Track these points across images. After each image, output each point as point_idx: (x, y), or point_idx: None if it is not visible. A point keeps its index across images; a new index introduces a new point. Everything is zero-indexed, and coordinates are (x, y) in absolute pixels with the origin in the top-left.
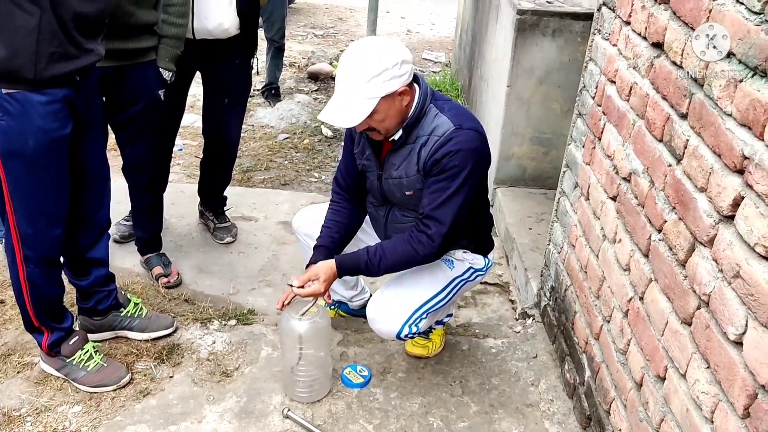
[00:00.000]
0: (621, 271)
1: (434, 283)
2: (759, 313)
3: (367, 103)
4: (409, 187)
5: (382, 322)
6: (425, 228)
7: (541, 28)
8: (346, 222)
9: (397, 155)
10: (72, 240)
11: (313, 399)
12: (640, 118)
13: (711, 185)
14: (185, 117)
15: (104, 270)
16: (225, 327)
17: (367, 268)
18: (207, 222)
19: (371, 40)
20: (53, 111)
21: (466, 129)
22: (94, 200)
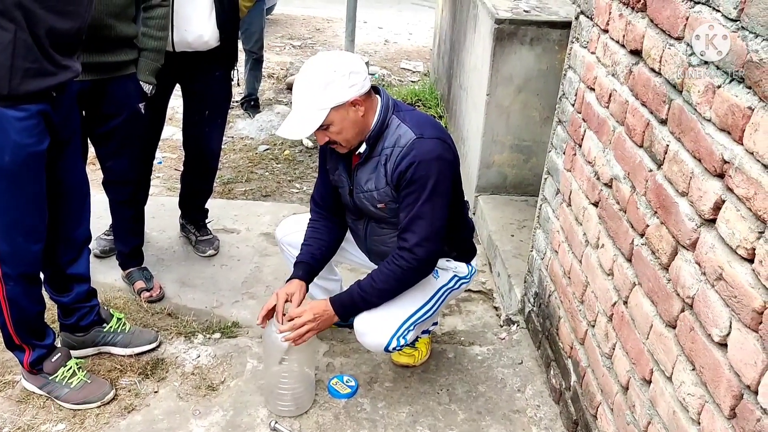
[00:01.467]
0: (604, 276)
1: (421, 294)
2: (742, 314)
3: (318, 114)
4: (380, 200)
5: (370, 335)
6: (404, 243)
7: (519, 37)
8: (325, 239)
9: (365, 169)
10: (52, 256)
11: (295, 413)
12: (620, 125)
13: (692, 189)
14: (165, 129)
15: (85, 286)
16: (209, 340)
17: (363, 299)
18: (188, 235)
19: (322, 54)
20: (29, 126)
21: (427, 138)
22: (74, 216)
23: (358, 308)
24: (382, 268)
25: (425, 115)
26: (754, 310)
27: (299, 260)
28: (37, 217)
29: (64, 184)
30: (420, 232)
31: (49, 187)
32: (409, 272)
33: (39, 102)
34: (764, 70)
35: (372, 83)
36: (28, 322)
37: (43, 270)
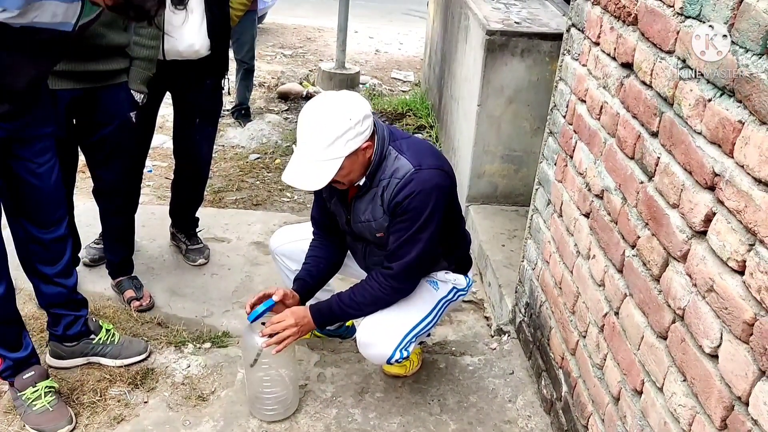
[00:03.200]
0: (596, 287)
1: (423, 306)
2: (733, 326)
3: (332, 164)
4: (378, 230)
5: (374, 347)
6: (387, 268)
7: (510, 48)
8: (325, 257)
9: (362, 200)
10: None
11: (283, 416)
12: (611, 137)
13: (683, 201)
14: (155, 138)
15: (59, 289)
16: (200, 350)
17: (342, 311)
18: (179, 244)
19: (331, 98)
20: None
21: (425, 168)
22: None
23: (335, 318)
24: (365, 285)
25: (422, 143)
26: (744, 321)
27: (298, 277)
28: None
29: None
30: (406, 260)
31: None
32: (390, 295)
33: None
34: (754, 84)
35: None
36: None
37: (25, 272)
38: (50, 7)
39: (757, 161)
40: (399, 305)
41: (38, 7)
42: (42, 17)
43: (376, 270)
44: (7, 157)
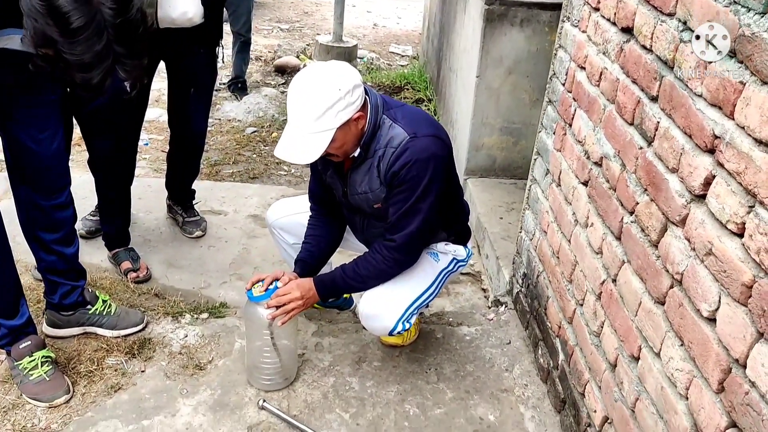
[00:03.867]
0: (593, 255)
1: (424, 278)
2: (731, 288)
3: (323, 136)
4: (375, 201)
5: (377, 319)
6: (389, 239)
7: (509, 18)
8: (324, 235)
9: (358, 172)
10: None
11: (282, 386)
12: (611, 103)
13: (682, 165)
14: (151, 111)
15: (53, 257)
16: (197, 320)
17: (345, 283)
18: (176, 216)
19: (319, 69)
20: None
21: (421, 136)
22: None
23: (339, 291)
24: (368, 257)
25: (417, 111)
26: (743, 284)
27: (298, 259)
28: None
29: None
30: (407, 231)
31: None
32: (393, 268)
33: None
34: (756, 44)
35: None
36: None
37: (25, 238)
38: (17, 39)
39: (758, 122)
40: (401, 278)
41: (7, 39)
42: (12, 45)
43: (378, 242)
44: (7, 120)
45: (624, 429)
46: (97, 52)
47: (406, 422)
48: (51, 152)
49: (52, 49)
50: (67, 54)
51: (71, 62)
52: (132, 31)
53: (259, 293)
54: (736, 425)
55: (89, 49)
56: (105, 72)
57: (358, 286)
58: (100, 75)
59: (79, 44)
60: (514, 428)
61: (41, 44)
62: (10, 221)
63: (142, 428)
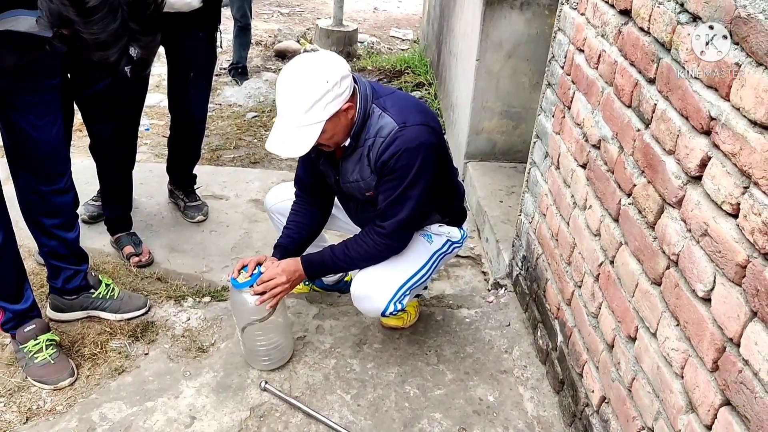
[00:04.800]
0: (591, 237)
1: (417, 259)
2: (726, 269)
3: (313, 129)
4: (367, 189)
5: (368, 300)
6: (379, 226)
7: (509, 1)
8: (307, 222)
9: (349, 161)
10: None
11: (277, 365)
12: (609, 85)
13: (679, 147)
14: (152, 96)
15: (55, 242)
16: (199, 304)
17: (334, 263)
18: (177, 201)
19: (306, 61)
20: None
21: (410, 125)
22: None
23: (326, 271)
24: (359, 240)
25: (407, 97)
26: (737, 264)
27: (278, 244)
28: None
29: (16, 139)
30: (397, 219)
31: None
32: (384, 252)
33: None
34: (752, 25)
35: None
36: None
37: (26, 223)
38: (24, 21)
39: (753, 103)
40: (393, 259)
41: (12, 20)
42: (18, 27)
43: (369, 227)
44: (6, 106)
45: (621, 408)
46: (113, 30)
47: (407, 403)
48: (50, 138)
49: (69, 29)
50: (85, 33)
51: (88, 41)
52: (145, 8)
53: (244, 279)
54: (729, 403)
55: (105, 28)
56: (121, 50)
57: (346, 267)
58: (116, 53)
59: (95, 23)
60: (513, 409)
61: (58, 24)
62: (12, 206)
63: (146, 410)
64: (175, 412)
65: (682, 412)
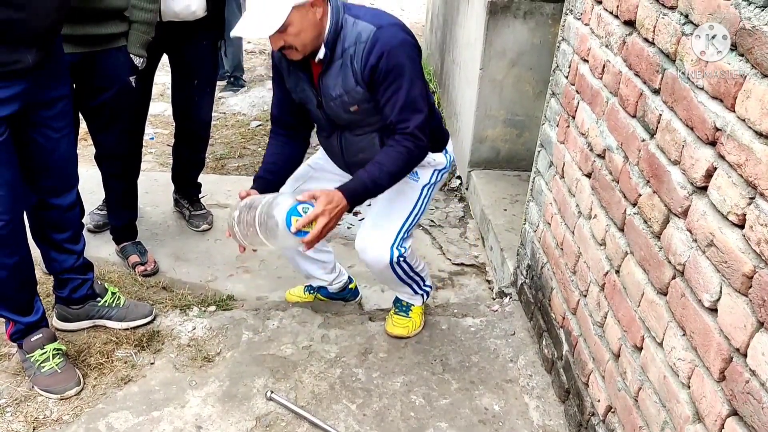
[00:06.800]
0: (597, 246)
1: (408, 200)
2: (732, 279)
3: (279, 12)
4: (351, 103)
5: (372, 250)
6: (404, 128)
7: (512, 10)
8: (285, 153)
9: (329, 75)
10: (38, 225)
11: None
12: (614, 95)
13: (684, 158)
14: (156, 105)
15: (74, 257)
16: (204, 313)
17: (374, 184)
18: (182, 210)
19: None
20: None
21: (386, 26)
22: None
23: (369, 194)
24: (389, 152)
25: (378, 9)
26: (744, 274)
27: (258, 176)
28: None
29: (38, 157)
30: (416, 116)
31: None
32: (415, 153)
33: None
34: (757, 37)
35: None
36: (7, 297)
37: (33, 240)
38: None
39: (759, 114)
40: (385, 207)
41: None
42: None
43: (390, 138)
44: (26, 125)
45: (627, 418)
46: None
47: (412, 412)
48: (67, 150)
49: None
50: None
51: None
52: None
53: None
54: (737, 413)
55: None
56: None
57: (387, 184)
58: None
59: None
60: (518, 418)
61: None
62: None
63: (152, 419)
64: (181, 421)
65: (689, 422)
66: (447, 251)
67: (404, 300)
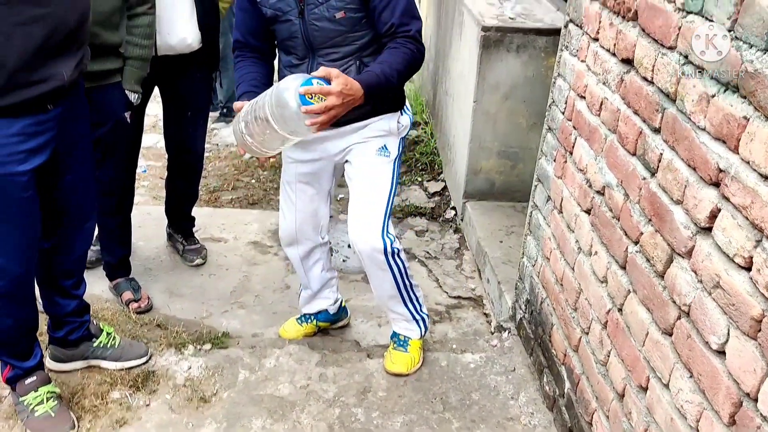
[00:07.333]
0: (598, 283)
1: (383, 179)
2: (740, 322)
3: None
4: (338, 7)
5: (364, 241)
6: (406, 32)
7: (505, 44)
8: (263, 71)
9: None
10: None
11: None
12: (612, 133)
13: (687, 198)
14: (149, 137)
15: (77, 301)
16: (200, 351)
17: (386, 79)
18: (176, 244)
19: None
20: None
21: None
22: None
23: (381, 89)
24: (394, 52)
25: None
26: (752, 318)
27: (244, 92)
28: (22, 238)
29: (59, 203)
30: (415, 22)
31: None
32: (418, 57)
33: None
34: (759, 80)
35: None
36: (7, 342)
37: (37, 283)
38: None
39: (764, 157)
40: (365, 187)
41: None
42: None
43: (395, 40)
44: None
45: None
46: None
47: None
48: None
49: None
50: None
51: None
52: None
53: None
54: None
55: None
56: None
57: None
58: None
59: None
60: None
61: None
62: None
63: None
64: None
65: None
66: (444, 284)
67: (402, 333)
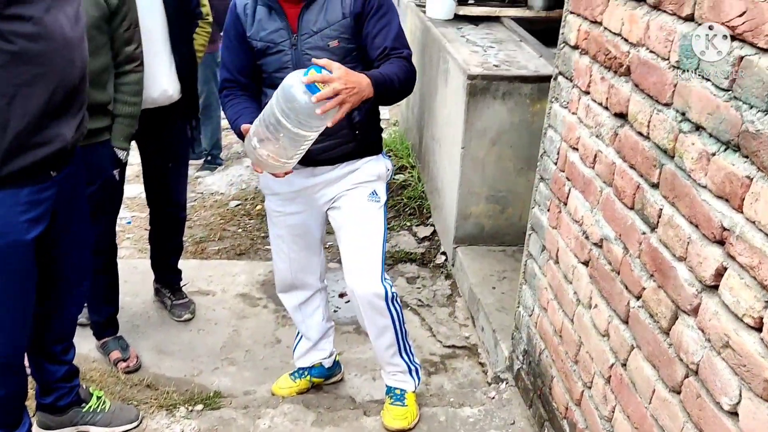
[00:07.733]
0: (599, 337)
1: (375, 224)
2: (753, 383)
3: None
4: (332, 36)
5: (364, 286)
6: (399, 54)
7: (491, 91)
8: (254, 105)
9: (311, 11)
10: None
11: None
12: (608, 186)
13: (690, 255)
14: (132, 188)
15: (66, 367)
16: (192, 413)
17: (390, 81)
18: (163, 299)
19: None
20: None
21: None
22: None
23: (386, 89)
24: (391, 65)
25: None
26: (765, 380)
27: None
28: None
29: (55, 267)
30: (407, 50)
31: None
32: (411, 76)
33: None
34: (761, 140)
35: None
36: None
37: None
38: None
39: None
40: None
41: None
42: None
43: (389, 60)
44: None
45: None
46: None
47: None
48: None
49: None
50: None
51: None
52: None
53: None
54: None
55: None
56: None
57: (398, 88)
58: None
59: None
60: None
61: None
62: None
63: None
64: None
65: None
66: (437, 332)
67: (398, 387)
